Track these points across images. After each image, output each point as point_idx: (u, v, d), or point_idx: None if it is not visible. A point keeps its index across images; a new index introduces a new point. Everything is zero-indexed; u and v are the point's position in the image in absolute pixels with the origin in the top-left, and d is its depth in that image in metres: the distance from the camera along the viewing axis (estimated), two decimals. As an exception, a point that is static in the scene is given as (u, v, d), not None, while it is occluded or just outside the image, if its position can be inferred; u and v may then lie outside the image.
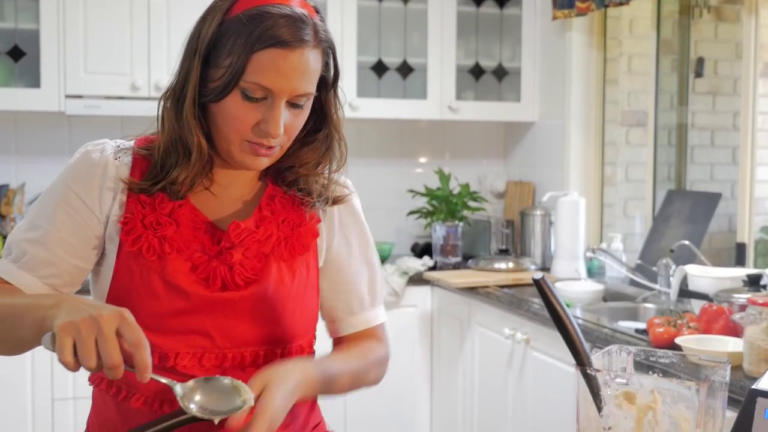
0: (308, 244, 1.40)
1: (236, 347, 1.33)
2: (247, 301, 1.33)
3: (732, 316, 2.45)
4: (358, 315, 1.48)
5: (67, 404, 3.44)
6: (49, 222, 1.32)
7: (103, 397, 1.40)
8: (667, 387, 1.03)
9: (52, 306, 1.14)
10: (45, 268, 1.31)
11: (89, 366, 1.07)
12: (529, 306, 3.20)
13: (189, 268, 1.31)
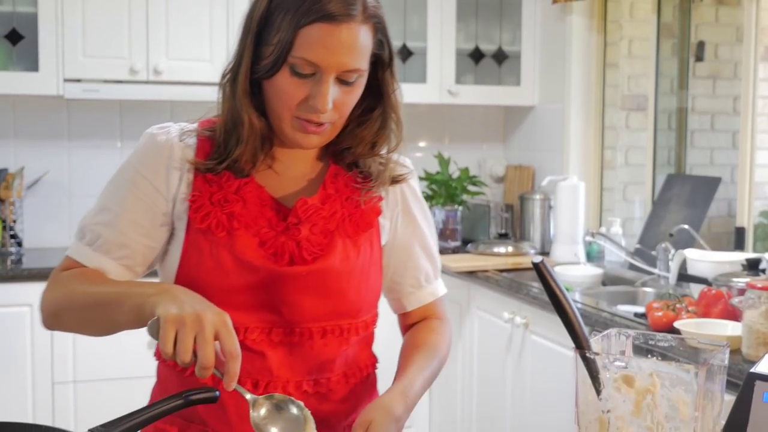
0: (371, 222, 1.42)
1: (304, 322, 1.35)
2: (314, 276, 1.35)
3: (731, 300, 2.45)
4: (425, 288, 1.52)
5: (67, 387, 3.45)
6: (120, 205, 1.36)
7: (168, 371, 1.43)
8: (666, 370, 1.03)
9: (154, 294, 1.19)
10: (119, 250, 1.35)
11: (183, 361, 1.11)
12: (528, 290, 3.20)
13: (257, 244, 1.34)
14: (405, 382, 1.37)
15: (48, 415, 3.41)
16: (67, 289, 1.33)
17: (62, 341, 3.43)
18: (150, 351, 1.48)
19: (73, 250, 1.38)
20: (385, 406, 1.28)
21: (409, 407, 1.33)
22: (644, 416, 1.02)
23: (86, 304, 1.29)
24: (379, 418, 1.25)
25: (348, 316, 1.39)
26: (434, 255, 1.53)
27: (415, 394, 1.36)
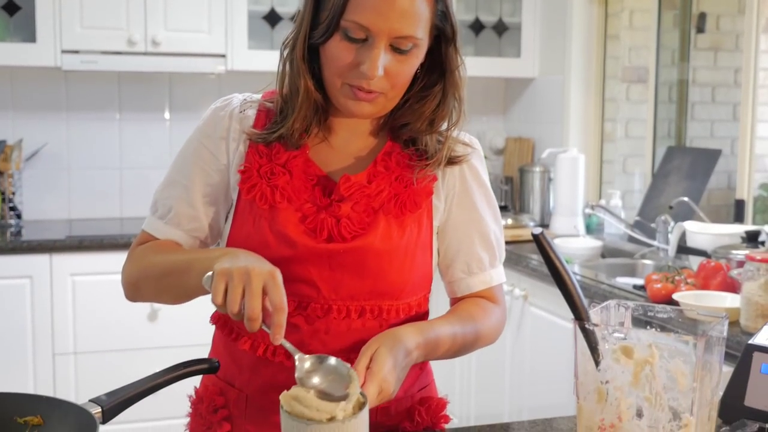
0: (420, 202, 1.38)
1: (341, 299, 1.34)
2: (352, 254, 1.33)
3: (730, 272, 2.46)
4: (476, 276, 1.45)
5: (68, 359, 3.47)
6: (187, 177, 1.39)
7: (219, 336, 1.46)
8: (665, 342, 1.03)
9: (219, 256, 1.21)
10: (189, 223, 1.39)
11: (231, 310, 1.13)
12: (527, 262, 3.21)
13: (298, 219, 1.34)
14: (425, 324, 1.35)
15: (49, 386, 3.43)
16: (142, 261, 1.37)
17: (62, 313, 3.44)
18: (150, 322, 1.49)
19: (147, 224, 1.42)
20: (397, 335, 1.26)
21: (423, 347, 1.29)
22: (643, 387, 1.02)
23: (161, 273, 1.33)
24: (388, 344, 1.23)
25: (389, 296, 1.36)
26: (493, 243, 1.46)
27: (433, 338, 1.32)
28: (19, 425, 1.11)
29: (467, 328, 1.39)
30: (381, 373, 1.20)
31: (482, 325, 1.42)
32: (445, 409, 1.47)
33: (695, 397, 1.00)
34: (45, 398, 1.14)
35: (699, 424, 1.02)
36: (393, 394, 1.22)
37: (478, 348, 1.44)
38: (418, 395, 1.45)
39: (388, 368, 1.21)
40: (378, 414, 1.37)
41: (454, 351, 1.38)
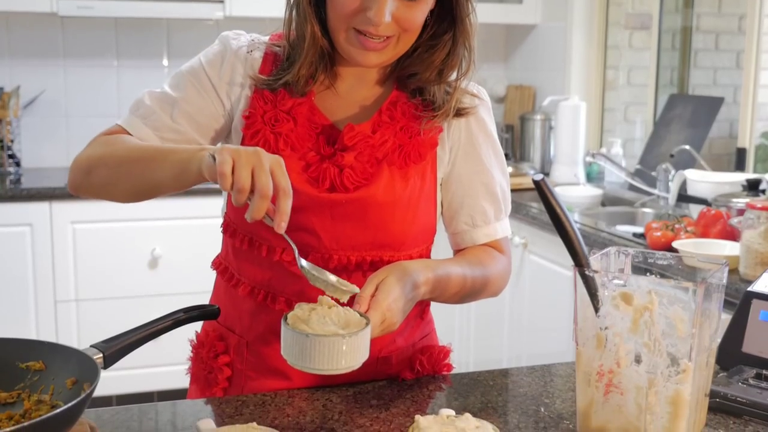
0: (425, 154, 1.36)
1: (342, 250, 1.33)
2: (353, 205, 1.32)
3: (730, 221, 2.46)
4: (480, 228, 1.43)
5: (69, 306, 3.49)
6: (180, 94, 1.35)
7: (220, 282, 1.45)
8: (664, 288, 1.03)
9: (201, 149, 1.16)
10: (168, 132, 1.34)
11: (242, 185, 1.06)
12: (527, 210, 3.21)
13: (301, 167, 1.32)
14: (435, 262, 1.33)
15: (51, 333, 3.45)
16: (105, 147, 1.30)
17: (63, 260, 3.45)
18: (151, 269, 1.48)
19: (123, 120, 1.36)
20: (406, 268, 1.25)
21: (432, 284, 1.28)
22: (641, 333, 1.03)
23: (124, 158, 1.26)
24: (396, 275, 1.22)
25: (390, 248, 1.35)
26: (498, 196, 1.44)
27: (443, 277, 1.30)
28: (21, 370, 1.12)
29: (476, 272, 1.38)
30: (386, 302, 1.19)
31: (490, 271, 1.41)
32: (447, 358, 1.48)
33: (694, 343, 1.01)
34: (47, 344, 1.15)
35: (697, 369, 1.03)
36: (396, 325, 1.21)
37: (484, 296, 1.43)
38: (419, 344, 1.46)
39: (394, 298, 1.20)
40: (378, 363, 1.38)
41: (462, 294, 1.37)
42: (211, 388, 1.41)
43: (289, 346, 1.11)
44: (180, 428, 1.20)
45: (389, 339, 1.38)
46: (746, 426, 1.23)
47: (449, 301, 1.38)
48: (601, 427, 1.07)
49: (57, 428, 0.95)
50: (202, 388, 1.43)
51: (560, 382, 1.40)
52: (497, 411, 1.27)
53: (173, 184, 1.21)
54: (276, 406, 1.27)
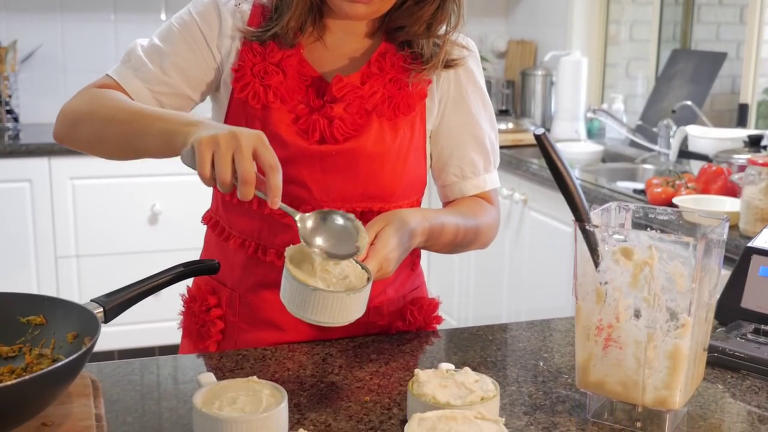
0: (414, 105, 1.35)
1: (332, 202, 1.33)
2: (343, 156, 1.32)
3: (731, 177, 2.46)
4: (469, 180, 1.44)
5: (70, 262, 3.50)
6: (170, 46, 1.34)
7: (210, 236, 1.45)
8: (664, 244, 1.03)
9: (187, 124, 1.14)
10: (159, 85, 1.33)
11: (224, 179, 1.06)
12: (527, 166, 3.20)
13: (291, 120, 1.32)
14: (431, 211, 1.34)
15: (52, 289, 3.47)
16: (96, 100, 1.28)
17: (63, 216, 3.45)
18: (151, 225, 1.48)
19: (114, 71, 1.35)
20: (404, 217, 1.26)
21: (427, 233, 1.29)
22: (641, 288, 1.03)
23: (111, 117, 1.24)
24: (395, 224, 1.23)
25: (380, 200, 1.35)
26: (487, 147, 1.44)
27: (438, 226, 1.31)
28: (22, 324, 1.13)
29: (469, 222, 1.39)
30: (384, 250, 1.19)
31: (481, 222, 1.42)
32: (437, 310, 1.48)
33: (693, 298, 1.01)
34: (47, 298, 1.15)
35: (696, 324, 1.03)
36: (390, 273, 1.23)
37: (474, 247, 1.45)
38: (409, 296, 1.46)
39: (392, 247, 1.21)
40: (370, 314, 1.39)
41: (454, 244, 1.37)
42: (203, 341, 1.41)
43: (290, 294, 1.11)
44: (181, 382, 1.21)
45: (380, 289, 1.39)
46: (744, 380, 1.24)
47: (441, 251, 1.39)
48: (599, 381, 1.08)
49: (58, 382, 0.96)
50: (194, 341, 1.43)
51: (559, 336, 1.41)
52: (496, 365, 1.28)
53: (158, 153, 1.19)
54: (276, 360, 1.28)
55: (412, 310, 1.44)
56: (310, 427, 1.06)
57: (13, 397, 0.89)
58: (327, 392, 1.17)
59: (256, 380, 1.06)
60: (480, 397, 1.03)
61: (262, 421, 0.98)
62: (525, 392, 1.18)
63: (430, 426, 0.95)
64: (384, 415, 1.11)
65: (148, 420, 1.09)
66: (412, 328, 1.43)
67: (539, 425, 1.08)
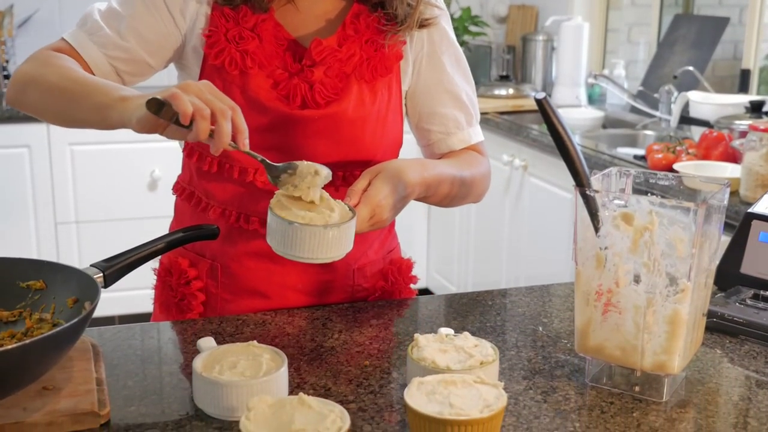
0: (391, 66, 1.35)
1: None
2: (326, 120, 1.31)
3: (732, 143, 2.45)
4: (455, 135, 1.44)
5: (70, 228, 3.50)
6: (129, 10, 1.30)
7: (183, 207, 1.43)
8: (665, 209, 1.03)
9: (123, 99, 1.11)
10: (115, 50, 1.29)
11: (204, 114, 1.03)
12: (528, 132, 3.19)
13: (270, 85, 1.30)
14: (429, 162, 1.35)
15: (53, 255, 3.47)
16: (42, 66, 1.25)
17: (62, 182, 3.45)
18: (150, 191, 1.47)
19: (69, 34, 1.31)
20: (401, 167, 1.26)
21: (425, 185, 1.29)
22: (641, 253, 1.03)
23: (53, 86, 1.22)
24: (390, 172, 1.23)
25: (362, 164, 1.34)
26: (466, 103, 1.44)
27: (436, 177, 1.31)
28: (22, 289, 1.13)
29: (465, 173, 1.39)
30: (377, 197, 1.20)
31: (477, 172, 1.43)
32: (412, 270, 1.49)
33: (693, 263, 1.01)
34: (47, 263, 1.15)
35: (695, 289, 1.03)
36: (387, 222, 1.23)
37: (469, 200, 1.45)
38: (388, 257, 1.48)
39: (385, 194, 1.21)
40: (355, 275, 1.40)
41: (451, 196, 1.38)
42: (183, 314, 1.39)
43: (274, 232, 1.12)
44: (181, 347, 1.21)
45: (361, 251, 1.39)
46: (742, 345, 1.24)
47: (438, 204, 1.39)
48: (598, 345, 1.08)
49: (59, 346, 0.96)
50: (173, 316, 1.41)
51: (558, 302, 1.41)
52: (495, 330, 1.28)
53: (95, 126, 1.18)
54: (276, 325, 1.29)
55: (392, 270, 1.45)
56: (310, 391, 1.06)
57: (13, 362, 0.89)
58: (327, 357, 1.18)
59: (256, 345, 1.06)
60: (479, 361, 1.04)
61: (262, 385, 0.98)
62: (524, 357, 1.19)
63: (430, 390, 0.95)
64: (383, 379, 1.11)
65: (149, 384, 1.09)
66: (395, 288, 1.45)
67: (538, 389, 1.08)
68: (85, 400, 0.99)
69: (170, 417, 1.00)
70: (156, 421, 0.99)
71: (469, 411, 0.91)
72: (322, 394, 1.06)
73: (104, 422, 0.98)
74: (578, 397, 1.07)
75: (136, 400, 1.05)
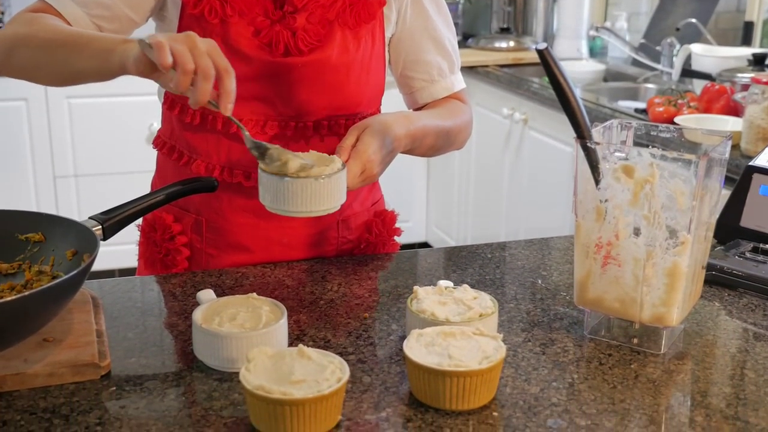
0: (374, 13, 1.34)
1: (298, 116, 1.32)
2: (309, 68, 1.30)
3: (733, 96, 2.43)
4: (438, 83, 1.45)
5: (68, 182, 3.49)
6: None
7: (165, 161, 1.42)
8: (666, 163, 1.02)
9: (123, 41, 1.10)
10: (97, 8, 1.27)
11: (187, 68, 1.02)
12: (528, 86, 3.16)
13: (252, 33, 1.28)
14: (413, 114, 1.35)
15: (52, 209, 3.47)
16: (28, 26, 1.23)
17: (60, 136, 3.43)
18: (148, 145, 1.46)
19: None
20: (387, 121, 1.26)
21: (411, 137, 1.29)
22: (641, 205, 1.02)
23: (45, 42, 1.20)
24: (376, 127, 1.23)
25: (345, 110, 1.34)
26: (449, 49, 1.44)
27: (421, 129, 1.32)
28: (21, 242, 1.13)
29: (448, 122, 1.40)
30: (366, 153, 1.20)
31: (460, 121, 1.43)
32: (395, 222, 1.49)
33: (693, 216, 1.01)
34: (45, 216, 1.14)
35: (695, 242, 1.03)
36: (377, 176, 1.24)
37: (453, 148, 1.46)
38: (372, 209, 1.48)
39: (374, 149, 1.21)
40: (340, 227, 1.41)
41: (436, 147, 1.39)
42: (168, 270, 1.39)
43: (265, 189, 1.11)
44: (181, 299, 1.21)
45: (347, 203, 1.39)
46: (740, 298, 1.25)
47: (424, 154, 1.40)
48: (597, 298, 1.08)
49: (59, 298, 0.96)
50: (158, 271, 1.40)
51: (558, 255, 1.41)
52: (495, 283, 1.28)
53: (94, 75, 1.17)
54: (276, 278, 1.29)
55: (376, 222, 1.46)
56: (309, 343, 1.07)
57: (13, 313, 0.90)
58: (326, 309, 1.18)
59: (255, 297, 1.06)
60: (478, 313, 1.04)
61: (262, 337, 0.98)
62: (523, 309, 1.19)
63: (429, 342, 0.95)
64: (383, 331, 1.12)
65: (149, 336, 1.09)
66: (379, 240, 1.45)
67: (537, 341, 1.09)
68: (85, 351, 1.00)
69: (170, 369, 1.01)
70: (156, 372, 1.00)
71: (468, 362, 0.91)
72: (322, 345, 1.07)
73: (105, 373, 0.98)
74: (576, 349, 1.07)
75: (136, 351, 1.05)
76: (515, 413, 0.92)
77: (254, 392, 0.85)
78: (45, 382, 0.96)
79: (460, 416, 0.91)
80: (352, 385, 0.97)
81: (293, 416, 0.84)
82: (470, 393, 0.91)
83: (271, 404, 0.84)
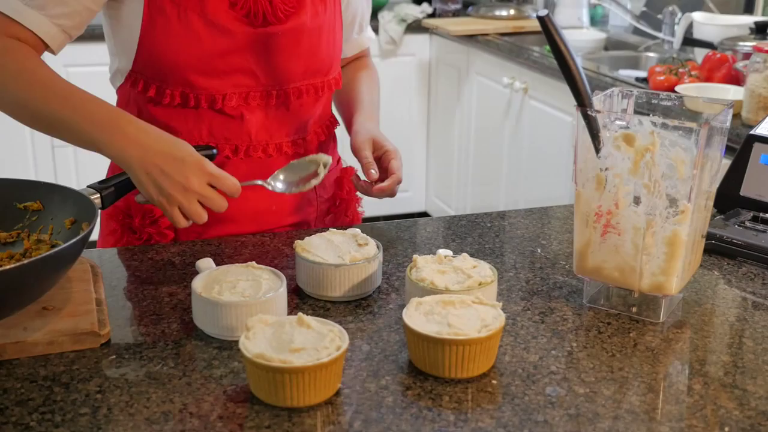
0: None
1: (279, 84, 1.34)
2: (288, 35, 1.31)
3: (735, 65, 2.42)
4: (364, 32, 1.56)
5: (67, 151, 3.48)
6: None
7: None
8: (667, 131, 1.02)
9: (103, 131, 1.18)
10: (55, 7, 1.21)
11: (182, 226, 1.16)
12: (529, 54, 3.14)
13: (228, 5, 1.27)
14: (373, 114, 1.49)
15: (50, 178, 3.46)
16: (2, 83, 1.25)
17: (58, 105, 3.41)
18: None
19: (3, 4, 1.20)
20: (371, 129, 1.41)
21: None
22: (642, 174, 1.02)
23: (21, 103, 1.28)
24: (378, 135, 1.39)
25: (320, 74, 1.38)
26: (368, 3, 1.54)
27: (378, 117, 1.51)
28: (19, 210, 1.12)
29: (376, 96, 1.55)
30: (400, 170, 1.36)
31: (378, 87, 1.58)
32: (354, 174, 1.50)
33: (694, 185, 1.00)
34: (44, 184, 1.14)
35: (695, 211, 1.03)
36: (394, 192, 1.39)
37: None
38: (338, 167, 1.53)
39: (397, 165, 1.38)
40: (317, 188, 1.43)
41: None
42: None
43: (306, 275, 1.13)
44: (180, 267, 1.21)
45: None
46: (740, 267, 1.25)
47: None
48: (597, 266, 1.08)
49: (58, 266, 0.96)
50: None
51: (557, 224, 1.41)
52: (494, 252, 1.28)
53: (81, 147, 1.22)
54: (275, 247, 1.29)
55: (345, 177, 1.50)
56: (308, 312, 1.07)
57: (12, 282, 0.89)
58: (326, 278, 1.18)
59: (255, 265, 1.06)
60: (478, 282, 1.04)
61: (262, 305, 0.99)
62: (522, 278, 1.19)
63: (428, 310, 0.95)
64: (382, 300, 1.12)
65: (148, 305, 1.10)
66: (350, 196, 1.51)
67: (536, 310, 1.09)
68: (85, 320, 1.00)
69: (170, 337, 1.01)
70: (156, 340, 1.00)
71: (467, 331, 0.91)
72: (321, 314, 1.07)
73: (104, 342, 0.99)
74: (575, 317, 1.07)
75: (135, 320, 1.05)
76: (514, 381, 0.92)
77: (254, 360, 0.85)
78: (45, 350, 0.96)
79: (459, 384, 0.91)
80: (351, 353, 0.97)
81: (293, 384, 0.85)
82: (469, 361, 0.91)
83: (270, 372, 0.85)
